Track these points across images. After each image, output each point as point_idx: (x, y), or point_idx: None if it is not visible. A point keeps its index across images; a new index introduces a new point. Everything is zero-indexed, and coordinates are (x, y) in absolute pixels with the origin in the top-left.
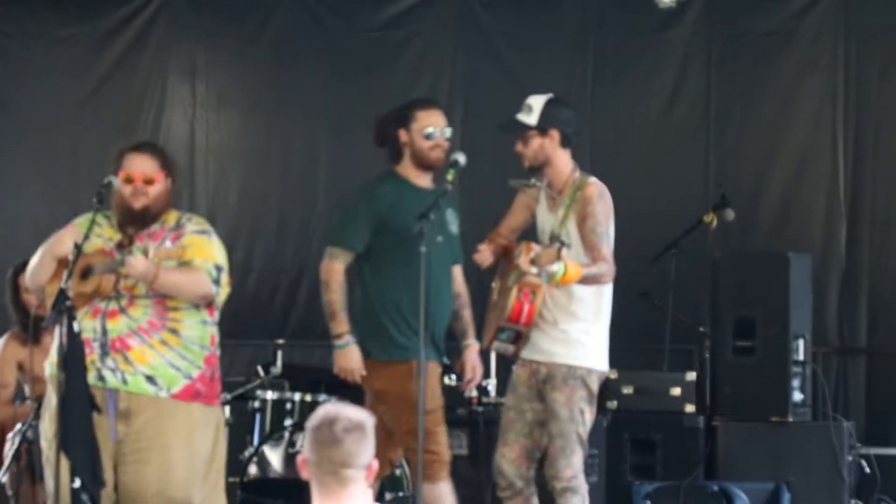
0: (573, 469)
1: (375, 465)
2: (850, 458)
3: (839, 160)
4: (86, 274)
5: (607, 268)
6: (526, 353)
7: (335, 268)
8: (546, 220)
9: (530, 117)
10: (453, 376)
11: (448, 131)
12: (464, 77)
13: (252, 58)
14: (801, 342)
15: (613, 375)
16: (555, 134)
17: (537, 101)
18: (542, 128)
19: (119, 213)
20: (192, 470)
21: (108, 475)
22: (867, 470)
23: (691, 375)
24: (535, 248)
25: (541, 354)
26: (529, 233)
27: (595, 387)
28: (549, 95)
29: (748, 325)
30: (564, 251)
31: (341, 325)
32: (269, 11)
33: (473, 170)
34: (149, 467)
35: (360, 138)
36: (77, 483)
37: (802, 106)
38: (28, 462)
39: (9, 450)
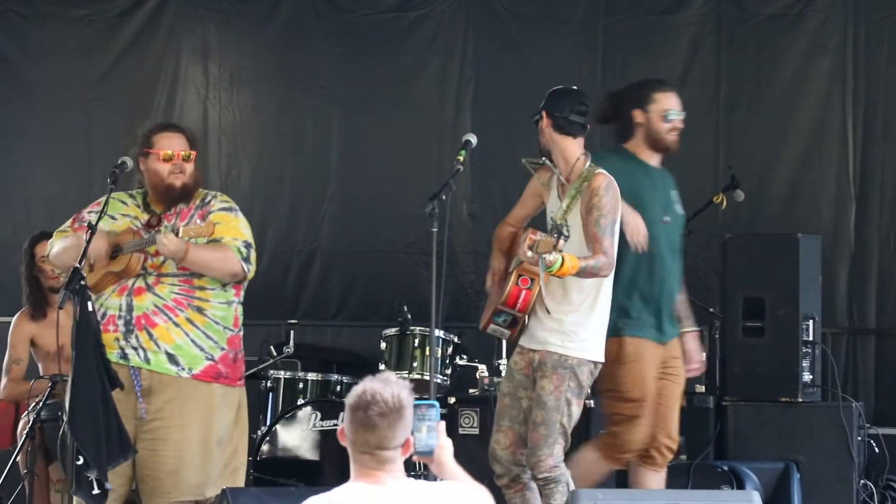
0: (554, 458)
1: (412, 439)
2: (859, 439)
3: (848, 142)
4: (115, 253)
5: (605, 261)
6: (524, 341)
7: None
8: (555, 208)
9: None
10: (464, 356)
11: (683, 114)
12: (474, 58)
13: (264, 38)
14: (810, 323)
15: None
16: (546, 118)
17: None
18: (541, 113)
19: (157, 192)
20: (209, 451)
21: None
22: (877, 450)
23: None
24: (537, 235)
25: (535, 343)
26: (538, 220)
27: (585, 379)
28: (561, 86)
29: (758, 305)
30: (562, 242)
31: None
32: None
33: (484, 150)
34: (167, 445)
35: (372, 119)
36: (81, 461)
37: (811, 88)
38: (41, 441)
39: (23, 428)
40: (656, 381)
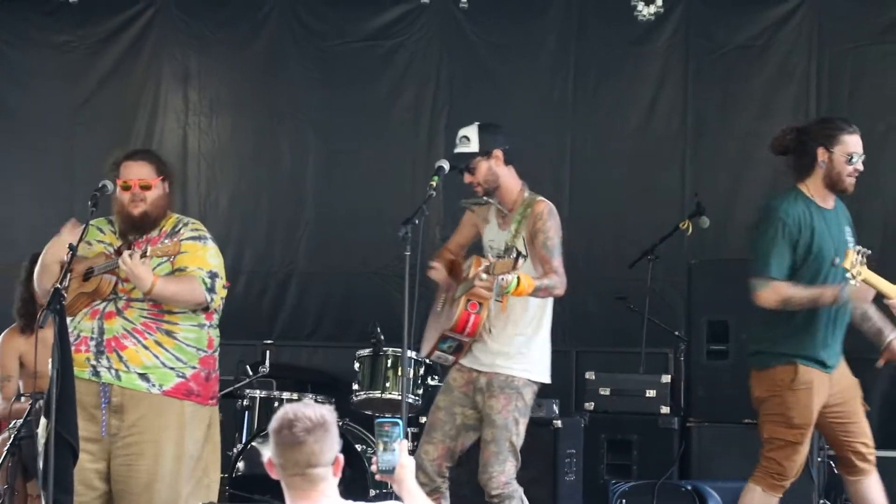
0: (506, 475)
1: (341, 458)
2: (819, 460)
3: None
4: (87, 275)
5: (559, 280)
6: (465, 362)
7: (771, 297)
8: (497, 237)
9: (471, 146)
10: (436, 377)
11: (863, 157)
12: (449, 85)
13: (243, 66)
14: None
15: (591, 377)
16: (498, 153)
17: (471, 131)
18: (486, 151)
19: (119, 220)
20: (181, 465)
21: (100, 467)
22: (836, 471)
23: (666, 378)
24: (487, 260)
25: (480, 364)
26: (475, 249)
27: (530, 398)
28: (478, 123)
29: (722, 329)
30: (521, 262)
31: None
32: (260, 21)
33: (456, 176)
34: (140, 460)
35: (348, 144)
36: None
37: (776, 117)
38: (19, 458)
39: (1, 445)
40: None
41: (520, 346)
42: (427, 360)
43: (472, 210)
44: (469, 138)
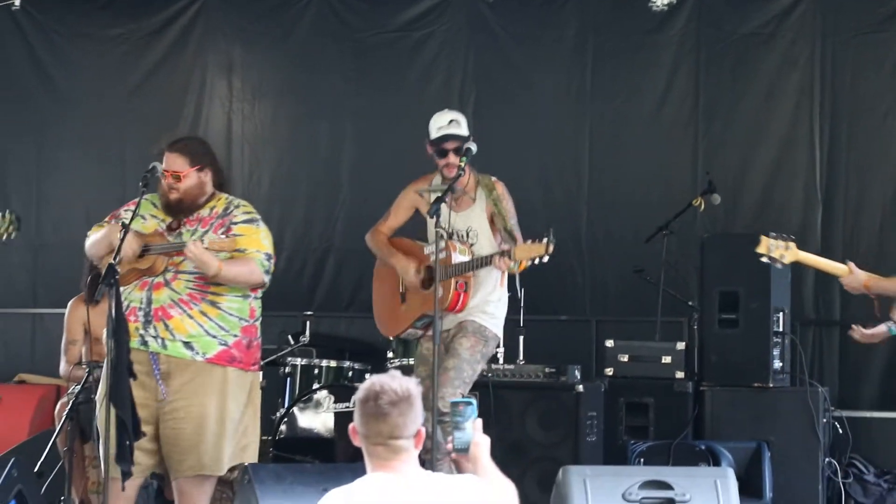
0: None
1: (423, 431)
2: (824, 420)
3: (816, 151)
4: (143, 253)
5: None
6: (432, 331)
7: None
8: (452, 218)
9: (462, 130)
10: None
11: None
12: (475, 73)
13: (283, 55)
14: (780, 315)
15: (610, 344)
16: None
17: (460, 116)
18: (469, 137)
19: (161, 204)
20: (224, 427)
21: (150, 430)
22: (840, 431)
23: (681, 345)
24: (457, 245)
25: (449, 324)
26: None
27: (492, 349)
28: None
29: (732, 299)
30: (552, 248)
31: None
32: (298, 13)
33: (483, 157)
34: (186, 424)
35: (381, 129)
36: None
37: (782, 101)
38: (77, 423)
39: (61, 410)
40: None
41: (488, 307)
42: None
43: (421, 195)
44: (460, 122)
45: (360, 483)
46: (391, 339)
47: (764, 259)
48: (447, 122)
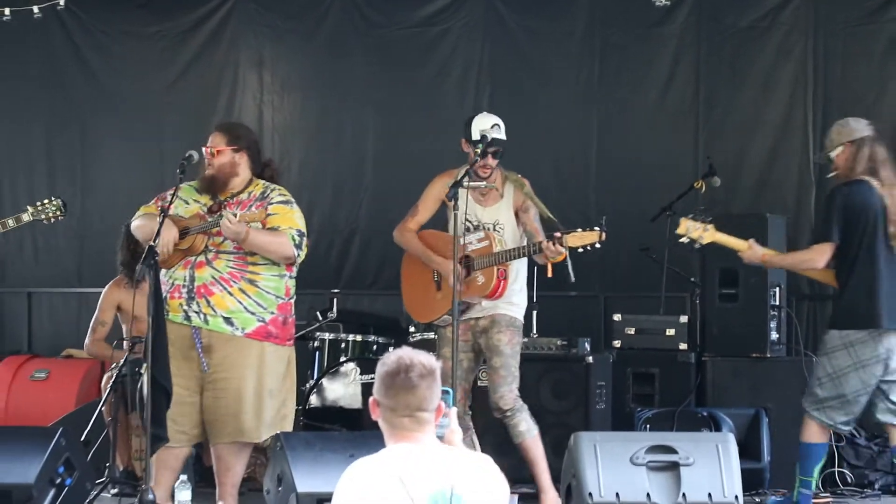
0: (514, 393)
1: (443, 406)
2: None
3: (809, 136)
4: (183, 234)
5: None
6: (464, 315)
7: None
8: (476, 212)
9: (503, 135)
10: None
11: None
12: (490, 65)
13: (310, 50)
14: (777, 290)
15: (618, 318)
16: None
17: (500, 122)
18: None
19: (200, 182)
20: (262, 398)
21: (196, 400)
22: None
23: (684, 318)
24: (497, 237)
25: (480, 313)
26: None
27: (522, 335)
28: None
29: (732, 275)
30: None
31: None
32: (324, 10)
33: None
34: (226, 394)
35: (402, 118)
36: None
37: (778, 90)
38: (121, 394)
39: (106, 382)
40: None
41: (514, 295)
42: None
43: (438, 187)
44: (501, 127)
45: (386, 452)
46: (423, 323)
47: (683, 240)
48: (490, 126)
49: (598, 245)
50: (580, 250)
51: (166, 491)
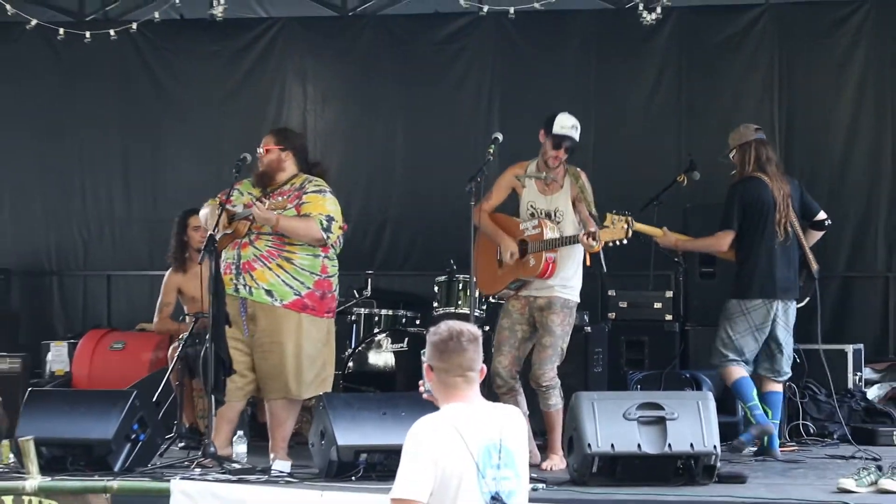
0: (554, 371)
1: (485, 368)
2: None
3: (775, 135)
4: (230, 220)
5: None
6: (522, 292)
7: None
8: (539, 200)
9: (577, 136)
10: (495, 296)
11: None
12: (501, 77)
13: (347, 65)
14: None
15: (612, 293)
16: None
17: (578, 123)
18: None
19: (254, 177)
20: (300, 361)
21: (248, 360)
22: (797, 360)
23: (669, 293)
24: (547, 223)
25: (538, 291)
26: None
27: (575, 315)
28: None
29: (711, 256)
30: (629, 233)
31: None
32: (359, 30)
33: (507, 145)
34: (270, 356)
35: (427, 123)
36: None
37: (749, 96)
38: (186, 363)
39: (173, 353)
40: None
41: (569, 279)
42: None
43: (518, 179)
44: (578, 128)
45: (446, 411)
46: (487, 296)
47: (615, 240)
48: (570, 126)
49: (624, 241)
50: (610, 244)
51: (226, 440)
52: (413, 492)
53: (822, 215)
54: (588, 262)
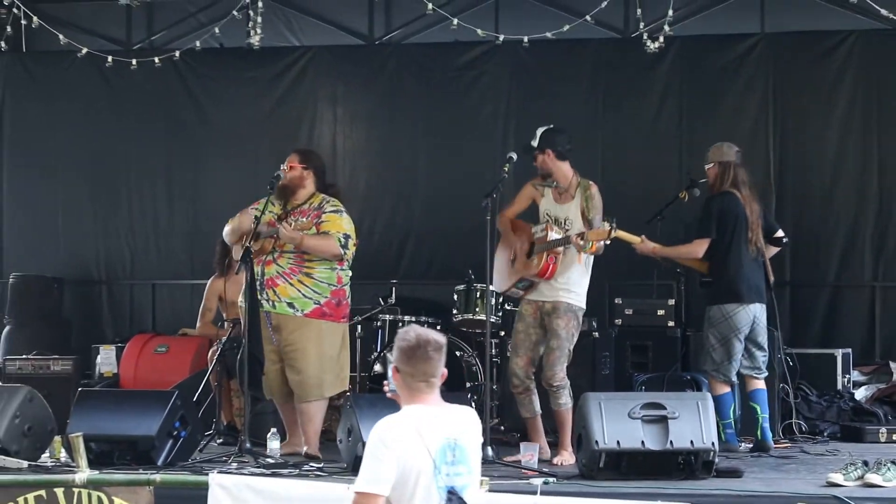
0: (563, 371)
1: (445, 372)
2: (779, 356)
3: (770, 154)
4: (257, 237)
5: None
6: (533, 297)
7: None
8: (553, 207)
9: (534, 142)
10: (510, 304)
11: None
12: (516, 102)
13: (373, 90)
14: None
15: (619, 301)
16: (549, 152)
17: (539, 131)
18: (541, 148)
19: (277, 190)
20: (322, 363)
21: (279, 367)
22: (791, 364)
23: (671, 301)
24: (553, 227)
25: (546, 297)
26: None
27: (580, 319)
28: (549, 126)
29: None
30: (613, 233)
31: None
32: (385, 58)
33: (520, 166)
34: (295, 361)
35: (447, 143)
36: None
37: (745, 117)
38: (224, 364)
39: (212, 355)
40: None
41: (574, 285)
42: (503, 294)
43: (536, 188)
44: (536, 136)
45: (406, 412)
46: (500, 294)
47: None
48: (536, 135)
49: (608, 241)
50: (598, 245)
51: (299, 437)
52: (376, 487)
53: (780, 233)
54: (579, 260)
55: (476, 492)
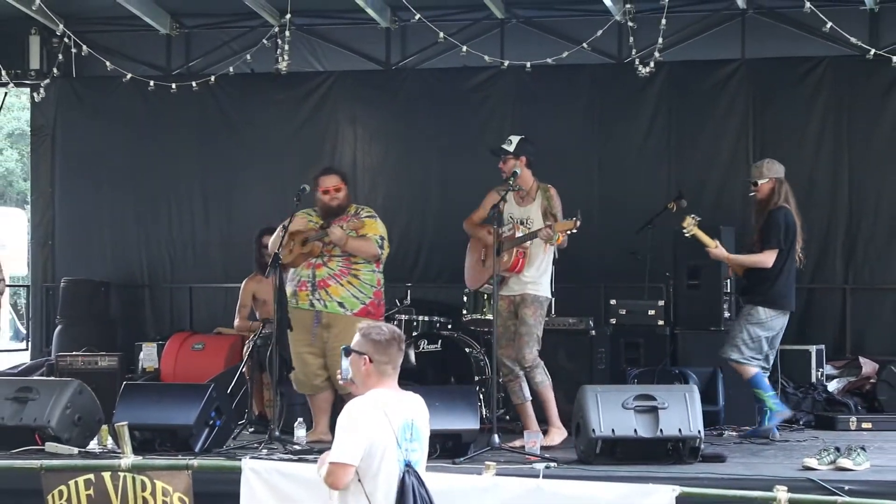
0: (533, 353)
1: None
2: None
3: (750, 168)
4: (305, 242)
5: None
6: (505, 292)
7: None
8: (516, 210)
9: (510, 147)
10: None
11: None
12: (520, 122)
13: (391, 110)
14: (728, 281)
15: (613, 302)
16: (524, 158)
17: (515, 138)
18: (517, 154)
19: (322, 210)
20: None
21: (320, 362)
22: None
23: (661, 302)
24: (521, 228)
25: (514, 291)
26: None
27: (546, 308)
28: (522, 136)
29: (696, 270)
30: (578, 223)
31: None
32: (400, 82)
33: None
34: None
35: (457, 158)
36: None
37: (728, 135)
38: (256, 359)
39: (245, 351)
40: None
41: (539, 278)
42: (475, 290)
43: (499, 193)
44: (512, 142)
45: (375, 394)
46: (471, 291)
47: (686, 233)
48: (507, 140)
49: (574, 231)
50: (564, 237)
51: (326, 426)
52: (349, 458)
53: None
54: (545, 250)
55: (424, 466)
